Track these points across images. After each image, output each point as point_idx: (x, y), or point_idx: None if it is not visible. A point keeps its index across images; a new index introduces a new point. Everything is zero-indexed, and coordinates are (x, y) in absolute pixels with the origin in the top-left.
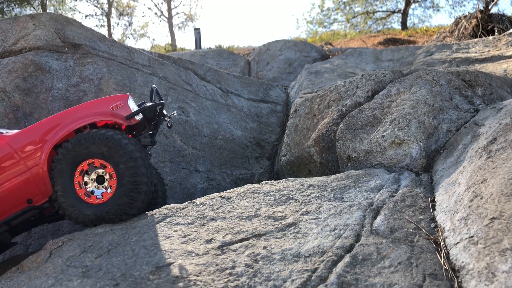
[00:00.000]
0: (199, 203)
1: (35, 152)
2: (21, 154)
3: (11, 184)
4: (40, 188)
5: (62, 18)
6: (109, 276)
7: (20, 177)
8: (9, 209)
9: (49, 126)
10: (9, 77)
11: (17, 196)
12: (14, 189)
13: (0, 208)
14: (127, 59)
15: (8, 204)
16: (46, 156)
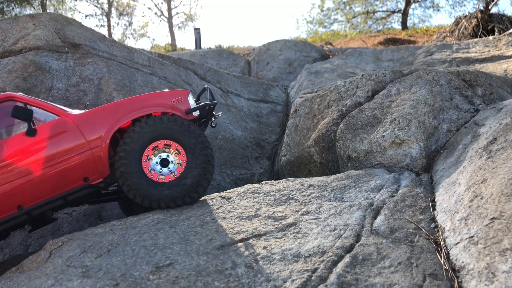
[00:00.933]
0: (199, 203)
1: (98, 134)
2: (85, 134)
3: (71, 161)
4: (97, 168)
5: (62, 18)
6: (109, 276)
7: (81, 156)
8: (66, 185)
9: (114, 112)
10: (9, 77)
11: (75, 173)
12: (74, 166)
13: (59, 183)
14: (127, 59)
15: (66, 179)
16: (108, 139)
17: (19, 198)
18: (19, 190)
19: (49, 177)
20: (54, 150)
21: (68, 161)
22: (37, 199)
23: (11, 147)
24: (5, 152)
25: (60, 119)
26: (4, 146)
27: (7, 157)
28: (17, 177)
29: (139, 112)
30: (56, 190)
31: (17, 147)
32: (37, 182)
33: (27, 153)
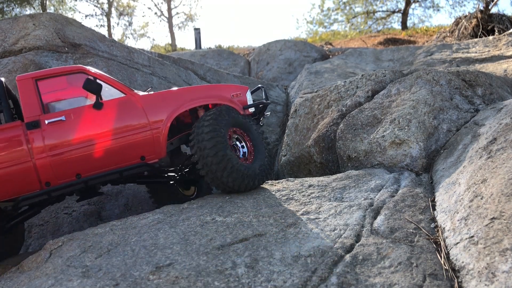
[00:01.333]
0: (199, 203)
1: (160, 117)
2: (148, 115)
3: (132, 138)
4: (155, 149)
5: (62, 18)
6: (109, 276)
7: (142, 135)
8: (124, 160)
9: (178, 98)
10: (9, 77)
11: (134, 150)
12: (134, 144)
13: (117, 157)
14: (127, 59)
15: (125, 155)
16: (169, 122)
17: (78, 167)
18: (79, 159)
19: (109, 151)
20: (118, 126)
21: (129, 138)
22: (95, 170)
23: (77, 117)
24: (70, 121)
25: (126, 97)
26: (71, 115)
27: (71, 126)
28: (79, 147)
29: (201, 101)
30: (114, 164)
31: (83, 118)
32: (97, 153)
33: (91, 125)
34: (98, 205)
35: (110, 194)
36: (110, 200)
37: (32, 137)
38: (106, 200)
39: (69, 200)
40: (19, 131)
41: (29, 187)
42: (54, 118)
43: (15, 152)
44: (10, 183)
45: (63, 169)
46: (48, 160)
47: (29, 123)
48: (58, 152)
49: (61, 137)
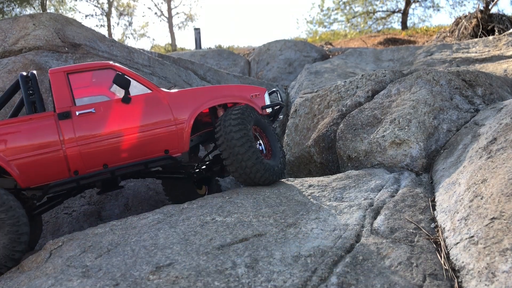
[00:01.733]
0: (199, 203)
1: (184, 113)
2: (173, 111)
3: (158, 132)
4: (178, 143)
5: (62, 18)
6: (109, 276)
7: (167, 129)
8: (149, 153)
9: (201, 95)
10: (9, 77)
11: (159, 144)
12: (159, 137)
13: (143, 149)
14: (127, 59)
15: (150, 148)
16: (193, 119)
17: (105, 157)
18: (106, 150)
19: (135, 143)
20: (144, 120)
21: (155, 132)
22: (122, 161)
23: (106, 110)
24: (99, 114)
25: (152, 93)
26: (100, 108)
27: (100, 118)
28: (107, 138)
29: (223, 99)
30: (139, 156)
31: (112, 111)
32: (124, 145)
33: (120, 118)
34: (98, 205)
35: (110, 194)
36: (110, 200)
37: (63, 127)
38: (106, 200)
39: (69, 200)
40: (51, 120)
41: (59, 175)
42: (85, 110)
43: (47, 140)
44: (41, 170)
45: (91, 159)
46: (77, 149)
47: (61, 114)
48: (87, 142)
49: (91, 128)
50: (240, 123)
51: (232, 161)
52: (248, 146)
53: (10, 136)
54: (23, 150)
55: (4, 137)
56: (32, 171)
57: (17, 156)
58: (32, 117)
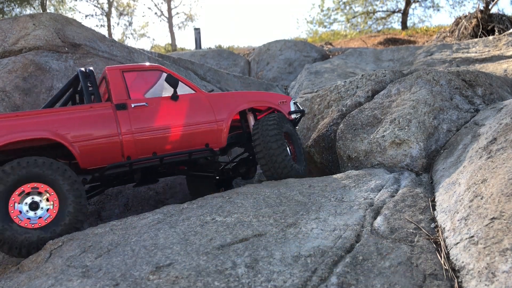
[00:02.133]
0: (199, 203)
1: (223, 113)
2: (215, 110)
3: (201, 128)
4: (217, 139)
5: (62, 18)
6: (109, 276)
7: (208, 126)
8: (192, 145)
9: (238, 99)
10: (9, 77)
11: (201, 138)
12: (201, 132)
13: (187, 141)
14: (127, 59)
15: (194, 141)
16: (231, 118)
17: (155, 146)
18: (156, 139)
19: (181, 135)
20: (190, 116)
21: (198, 127)
22: (169, 150)
23: (157, 104)
24: (151, 107)
25: (196, 93)
26: (152, 102)
27: (152, 111)
28: (157, 129)
29: (256, 103)
30: (184, 147)
31: (162, 106)
32: (172, 137)
33: (169, 113)
34: (98, 205)
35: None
36: (110, 200)
37: (120, 116)
38: (106, 200)
39: None
40: (110, 110)
41: (114, 159)
42: (139, 103)
43: (106, 127)
44: (100, 153)
45: (143, 147)
46: (132, 137)
47: (118, 105)
48: (140, 131)
49: (144, 119)
50: (277, 128)
51: (267, 160)
52: (282, 149)
53: (73, 121)
54: (84, 134)
55: (68, 122)
56: (92, 153)
57: (80, 139)
58: (92, 106)
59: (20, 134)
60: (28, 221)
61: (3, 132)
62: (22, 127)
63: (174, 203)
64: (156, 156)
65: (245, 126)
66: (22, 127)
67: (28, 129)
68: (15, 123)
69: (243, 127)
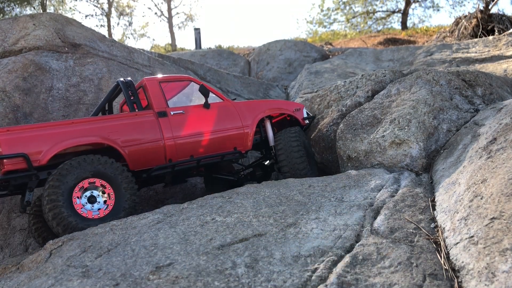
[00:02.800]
0: (199, 203)
1: (249, 119)
2: (241, 117)
3: (230, 132)
4: (244, 142)
5: (62, 18)
6: (109, 276)
7: (236, 131)
8: (223, 148)
9: (260, 106)
10: (9, 77)
11: (230, 141)
12: (231, 137)
13: (219, 145)
14: (127, 59)
15: (224, 144)
16: (256, 123)
17: (192, 149)
18: (193, 143)
19: (214, 140)
20: (221, 122)
21: (228, 132)
22: (203, 153)
23: (192, 112)
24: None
25: (224, 102)
26: (188, 110)
27: (189, 118)
28: (194, 134)
29: (275, 110)
30: (216, 150)
31: (196, 113)
32: (206, 141)
33: (203, 119)
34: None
35: None
36: None
37: (162, 123)
38: None
39: None
40: (152, 117)
41: (159, 162)
42: (177, 111)
43: (151, 133)
44: (146, 156)
45: (182, 150)
46: (173, 142)
47: (159, 112)
48: (180, 136)
49: (182, 125)
50: (298, 139)
51: (289, 163)
52: (301, 155)
53: (122, 127)
54: (133, 139)
55: (117, 128)
56: (139, 156)
57: (129, 143)
58: (137, 113)
59: (78, 140)
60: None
61: (62, 137)
62: (78, 133)
63: (174, 203)
64: (194, 159)
65: (262, 131)
66: (78, 133)
67: (84, 135)
68: (71, 130)
69: (261, 132)
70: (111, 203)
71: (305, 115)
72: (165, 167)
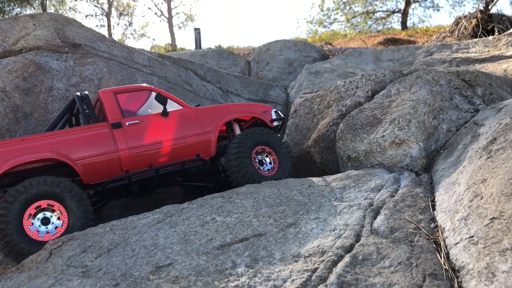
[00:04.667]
0: (199, 203)
1: (211, 125)
2: (203, 123)
3: (191, 140)
4: (206, 149)
5: (62, 18)
6: (109, 276)
7: (198, 138)
8: (185, 156)
9: (223, 111)
10: (9, 77)
11: (192, 149)
12: (192, 144)
13: (180, 153)
14: (127, 59)
15: (186, 152)
16: (218, 129)
17: (150, 159)
18: (151, 153)
19: (174, 148)
20: (180, 130)
21: (189, 139)
22: (163, 162)
23: (149, 121)
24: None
25: (184, 109)
26: (145, 120)
27: (145, 128)
28: (151, 143)
29: (240, 114)
30: (177, 159)
31: (154, 122)
32: (165, 149)
33: (160, 128)
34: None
35: None
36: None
37: (116, 134)
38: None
39: None
40: (107, 129)
41: (114, 174)
42: (132, 121)
43: (104, 145)
44: (101, 169)
45: (139, 160)
46: (128, 152)
47: (114, 124)
48: (135, 146)
49: (138, 135)
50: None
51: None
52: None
53: (74, 141)
54: (86, 153)
55: (70, 143)
56: (93, 170)
57: (82, 157)
58: (91, 126)
59: (28, 156)
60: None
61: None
62: (28, 150)
63: (174, 203)
64: (152, 168)
65: (231, 136)
66: (28, 150)
67: (35, 151)
68: (21, 147)
69: (230, 137)
70: (65, 221)
71: (274, 117)
72: (120, 178)
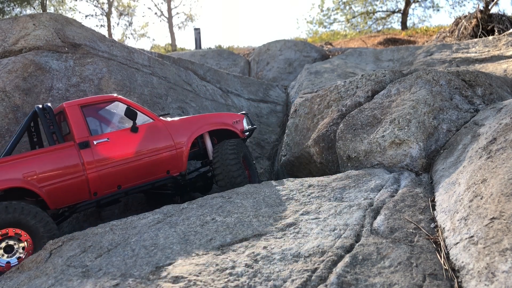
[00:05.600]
0: (199, 203)
1: (182, 138)
2: (174, 137)
3: (162, 155)
4: (178, 164)
5: (62, 18)
6: (109, 276)
7: (168, 152)
8: (154, 174)
9: (194, 124)
10: (9, 77)
11: (162, 165)
12: (161, 160)
13: (150, 171)
14: (127, 59)
15: (156, 169)
16: (190, 143)
17: (119, 179)
18: (120, 173)
19: (143, 166)
20: (150, 146)
21: (159, 156)
22: (133, 181)
23: (118, 138)
24: (113, 142)
25: (154, 122)
26: (113, 137)
27: (114, 145)
28: (120, 163)
29: (212, 126)
30: (147, 176)
31: (123, 139)
32: (134, 168)
33: (130, 145)
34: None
35: None
36: None
37: (84, 155)
38: None
39: None
40: (73, 150)
41: (82, 196)
42: (101, 139)
43: (71, 167)
44: (67, 193)
45: (108, 182)
46: (97, 174)
47: (81, 143)
48: (104, 167)
49: (107, 155)
50: (234, 151)
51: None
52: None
53: (39, 165)
54: (51, 177)
55: (34, 166)
56: (59, 194)
57: (47, 182)
58: (56, 147)
59: None
60: None
61: None
62: None
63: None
64: (121, 190)
65: (201, 143)
66: None
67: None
68: None
69: (200, 146)
70: (30, 249)
71: (246, 126)
72: (88, 203)
